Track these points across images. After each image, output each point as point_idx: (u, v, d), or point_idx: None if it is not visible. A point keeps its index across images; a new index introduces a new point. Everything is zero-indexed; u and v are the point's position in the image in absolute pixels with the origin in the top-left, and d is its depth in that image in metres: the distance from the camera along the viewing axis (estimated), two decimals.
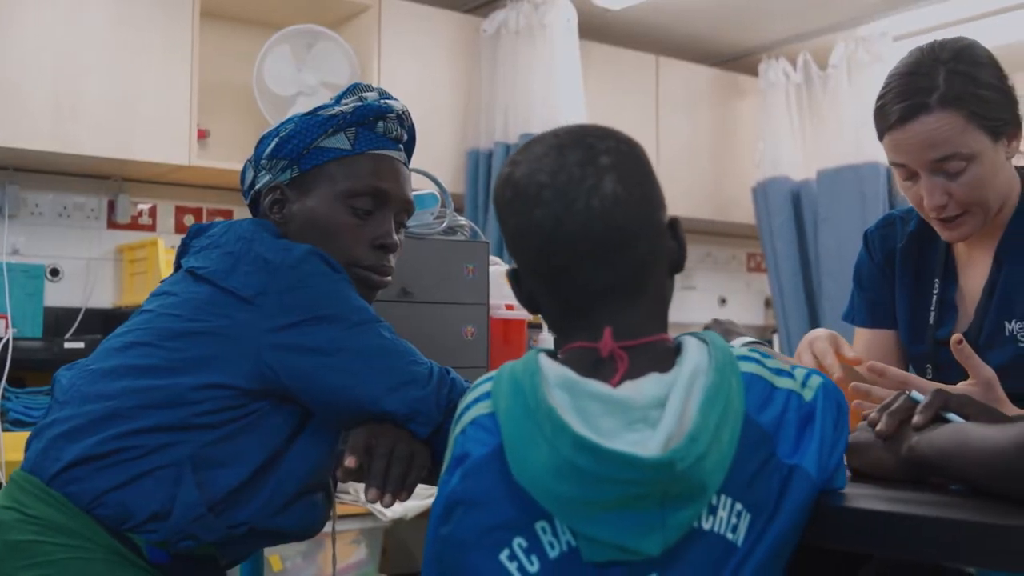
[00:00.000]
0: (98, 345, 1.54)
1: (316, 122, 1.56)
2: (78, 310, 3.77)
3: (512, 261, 1.23)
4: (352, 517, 3.04)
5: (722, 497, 1.07)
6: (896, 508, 1.10)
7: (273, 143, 1.58)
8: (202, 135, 3.88)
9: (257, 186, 1.61)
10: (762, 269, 5.60)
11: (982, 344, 1.70)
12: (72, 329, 3.72)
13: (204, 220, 3.34)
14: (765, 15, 4.75)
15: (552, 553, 1.07)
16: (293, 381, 1.42)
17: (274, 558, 2.97)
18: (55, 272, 3.78)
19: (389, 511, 2.97)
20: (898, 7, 4.61)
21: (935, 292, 1.81)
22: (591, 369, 1.11)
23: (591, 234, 1.12)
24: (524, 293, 1.22)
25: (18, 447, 1.53)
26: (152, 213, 4.02)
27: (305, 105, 3.59)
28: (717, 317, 1.68)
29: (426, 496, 2.60)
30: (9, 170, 3.68)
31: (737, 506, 1.08)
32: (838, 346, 1.72)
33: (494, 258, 2.23)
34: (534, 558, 1.07)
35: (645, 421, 1.06)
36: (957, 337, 1.54)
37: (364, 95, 1.62)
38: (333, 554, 1.81)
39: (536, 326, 2.43)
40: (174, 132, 3.64)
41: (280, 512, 1.46)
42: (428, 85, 4.26)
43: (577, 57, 4.40)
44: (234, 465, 1.42)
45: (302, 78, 3.91)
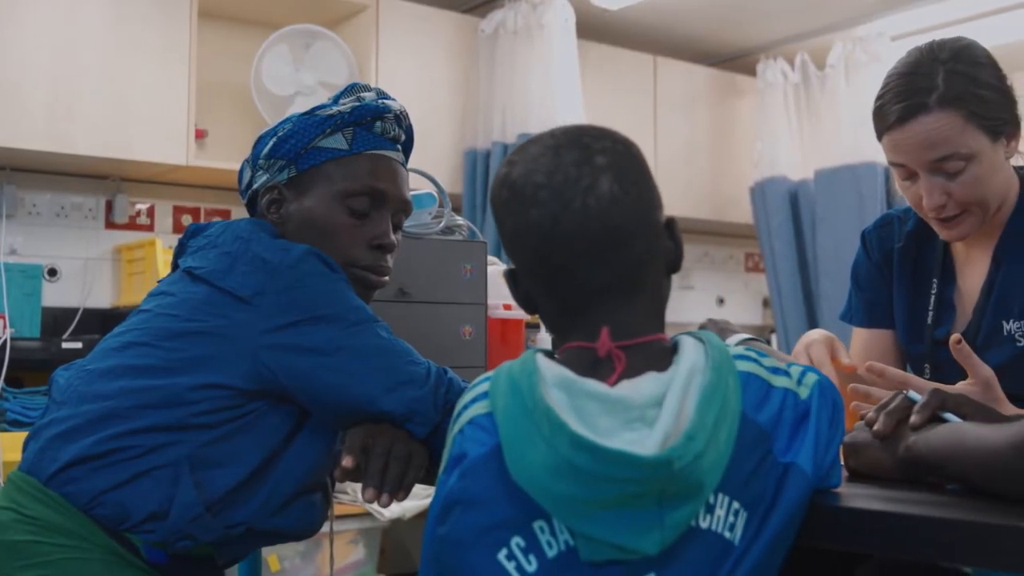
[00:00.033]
0: (96, 345, 1.54)
1: (314, 122, 1.56)
2: (76, 310, 3.77)
3: (509, 261, 1.23)
4: (350, 517, 3.03)
5: (719, 496, 1.07)
6: (893, 508, 1.10)
7: (271, 143, 1.58)
8: (200, 135, 3.87)
9: (254, 186, 1.61)
10: (760, 269, 5.61)
11: (980, 344, 1.70)
12: (70, 329, 3.72)
13: (202, 220, 3.34)
14: (763, 15, 4.75)
15: (550, 552, 1.07)
16: (291, 381, 1.42)
17: (272, 558, 2.97)
18: (53, 272, 3.77)
19: (387, 511, 2.96)
20: (896, 7, 4.61)
21: (933, 292, 1.81)
22: (589, 369, 1.12)
23: (588, 233, 1.12)
24: (521, 293, 1.22)
25: (16, 447, 1.53)
26: (150, 213, 4.02)
27: (303, 105, 3.59)
28: (712, 317, 1.68)
29: (424, 496, 2.59)
30: (6, 170, 3.68)
31: (734, 505, 1.08)
32: (834, 351, 1.72)
33: (492, 258, 2.23)
34: (532, 557, 1.07)
35: (643, 420, 1.06)
36: (956, 337, 1.54)
37: (362, 95, 1.62)
38: (331, 554, 1.81)
39: (534, 326, 2.42)
40: (172, 132, 3.64)
41: (278, 512, 1.46)
42: (426, 85, 4.26)
43: (575, 57, 4.40)
44: (232, 465, 1.41)
45: (300, 78, 3.90)
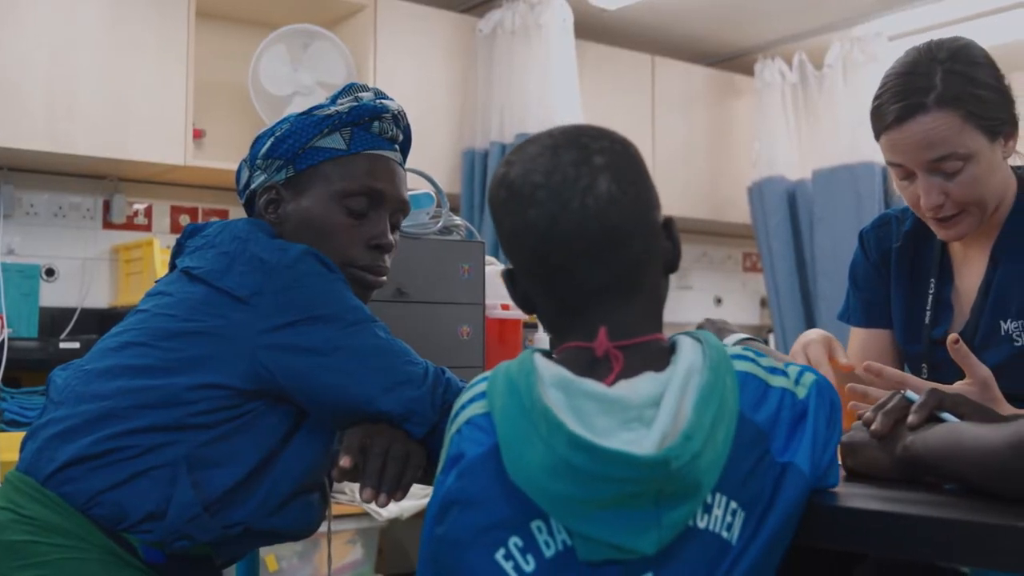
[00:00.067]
0: (93, 345, 1.54)
1: (312, 122, 1.56)
2: (74, 310, 3.76)
3: (507, 261, 1.23)
4: (348, 517, 3.03)
5: (717, 495, 1.07)
6: (891, 508, 1.11)
7: (268, 143, 1.58)
8: (198, 135, 3.87)
9: (252, 186, 1.61)
10: (758, 269, 5.61)
11: (978, 344, 1.70)
12: (68, 329, 3.71)
13: (200, 220, 3.34)
14: (761, 15, 4.75)
15: (548, 552, 1.07)
16: (288, 381, 1.42)
17: (270, 558, 2.97)
18: (51, 272, 3.77)
19: (385, 511, 2.96)
20: (893, 7, 4.62)
21: (931, 292, 1.81)
22: (586, 368, 1.12)
23: (586, 233, 1.12)
24: (519, 293, 1.22)
25: (13, 447, 1.52)
26: (148, 213, 4.01)
27: (301, 105, 3.59)
28: (710, 316, 1.68)
29: (422, 496, 2.59)
30: (4, 170, 3.67)
31: (732, 504, 1.08)
32: (832, 351, 1.72)
33: (490, 258, 2.23)
34: (530, 557, 1.07)
35: (640, 420, 1.06)
36: (953, 337, 1.54)
37: (360, 95, 1.62)
38: (329, 554, 1.81)
39: (532, 326, 2.42)
40: (170, 132, 3.64)
41: (276, 512, 1.46)
42: (424, 85, 4.26)
43: (573, 57, 4.40)
44: (229, 465, 1.41)
45: (298, 78, 3.90)
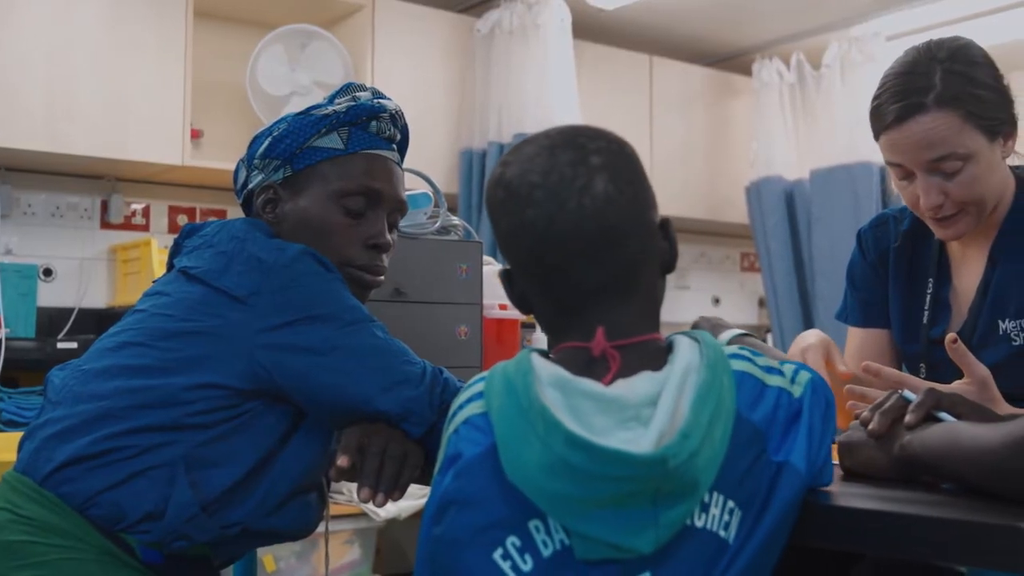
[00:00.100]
0: (91, 345, 1.54)
1: (309, 122, 1.56)
2: (71, 310, 3.76)
3: (505, 261, 1.23)
4: (346, 517, 3.03)
5: (714, 494, 1.07)
6: (888, 507, 1.11)
7: (266, 143, 1.58)
8: (195, 135, 3.87)
9: (250, 186, 1.61)
10: (756, 269, 5.61)
11: (976, 343, 1.70)
12: (65, 329, 3.71)
13: (197, 220, 3.34)
14: (759, 15, 4.76)
15: (545, 552, 1.07)
16: (286, 381, 1.41)
17: (267, 558, 2.97)
18: (48, 272, 3.77)
19: (382, 511, 2.96)
20: (891, 7, 4.62)
21: (929, 291, 1.81)
22: (584, 368, 1.12)
23: (583, 233, 1.12)
24: (516, 293, 1.22)
25: (11, 447, 1.52)
26: (145, 213, 4.01)
27: (299, 105, 3.59)
28: (704, 314, 1.67)
29: (419, 496, 2.59)
30: (2, 170, 3.67)
31: (729, 503, 1.08)
32: (830, 355, 1.71)
33: (487, 258, 2.23)
34: (527, 557, 1.07)
35: (638, 419, 1.06)
36: (952, 336, 1.54)
37: (357, 95, 1.62)
38: (326, 554, 1.81)
39: (529, 326, 2.42)
40: (167, 132, 3.64)
41: (273, 512, 1.46)
42: (422, 85, 4.26)
43: (571, 57, 4.40)
44: (228, 465, 1.41)
45: (296, 78, 3.90)
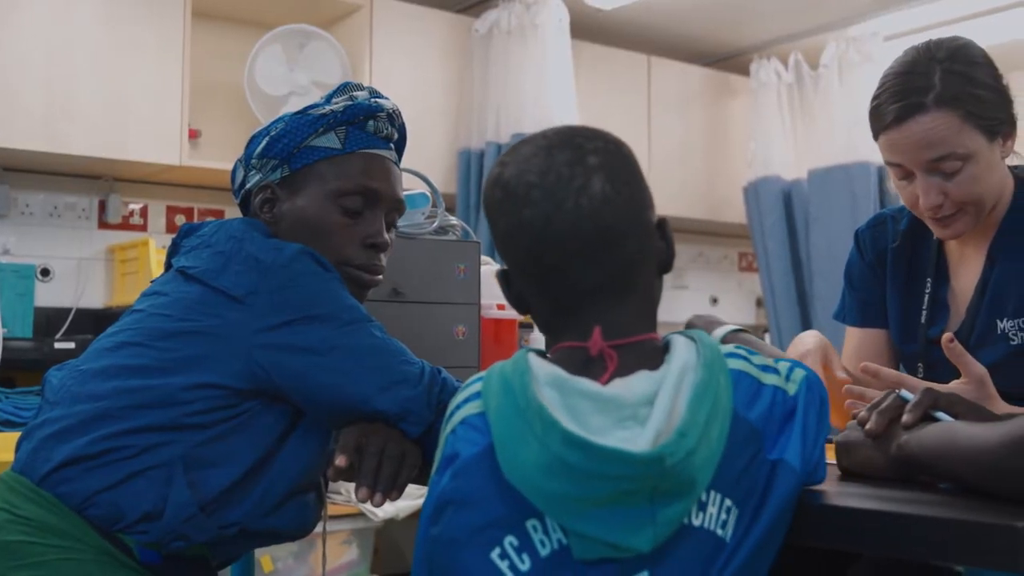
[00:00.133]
0: (89, 345, 1.54)
1: (306, 121, 1.56)
2: (69, 310, 3.76)
3: (502, 261, 1.23)
4: (343, 517, 3.04)
5: (712, 493, 1.07)
6: (885, 507, 1.11)
7: (263, 142, 1.57)
8: (193, 135, 3.87)
9: (247, 185, 1.61)
10: (753, 269, 5.61)
11: (974, 343, 1.70)
12: (63, 329, 3.71)
13: (195, 220, 3.34)
14: (756, 15, 4.76)
15: (543, 551, 1.07)
16: (284, 380, 1.41)
17: (265, 559, 2.97)
18: (46, 272, 3.77)
19: (380, 511, 2.97)
20: (889, 7, 4.62)
21: (927, 291, 1.81)
22: (581, 368, 1.12)
23: (580, 233, 1.12)
24: (514, 293, 1.22)
25: (8, 448, 1.52)
26: (143, 213, 4.01)
27: (297, 105, 3.58)
28: (698, 313, 1.67)
29: (417, 496, 2.60)
30: (0, 170, 3.67)
31: (727, 502, 1.08)
32: (828, 360, 1.71)
33: (485, 258, 2.23)
34: (525, 556, 1.07)
35: (635, 418, 1.06)
36: (948, 336, 1.54)
37: (354, 94, 1.62)
38: (323, 554, 1.81)
39: (527, 326, 2.42)
40: (165, 132, 3.64)
41: (271, 512, 1.46)
42: (420, 85, 4.26)
43: (569, 57, 4.40)
44: (226, 465, 1.41)
45: (294, 78, 3.90)
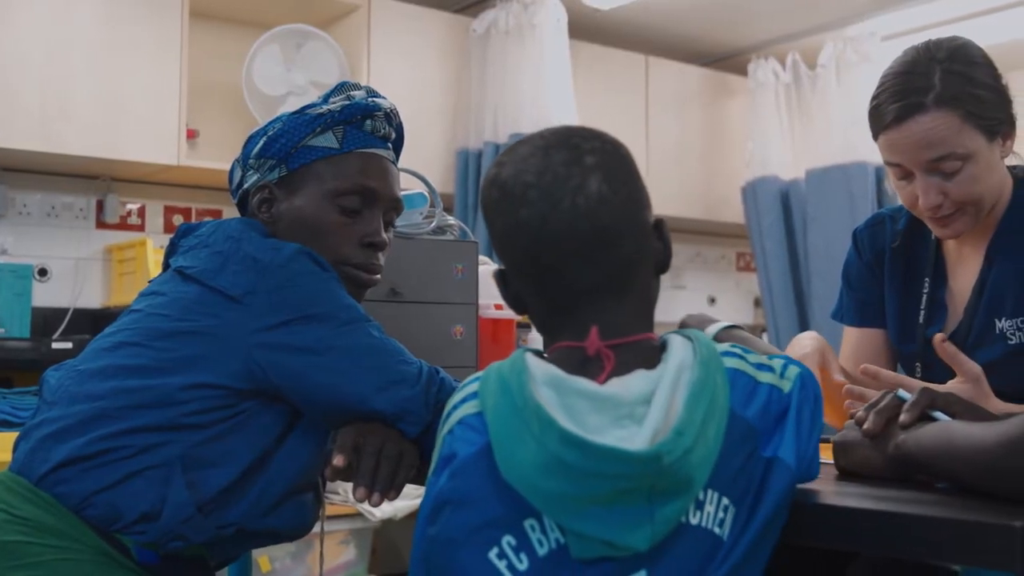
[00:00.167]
0: (86, 345, 1.54)
1: (304, 121, 1.56)
2: (66, 310, 3.76)
3: (499, 261, 1.23)
4: (341, 517, 3.03)
5: (709, 492, 1.07)
6: (883, 506, 1.11)
7: (261, 142, 1.57)
8: (191, 135, 3.87)
9: (245, 185, 1.61)
10: (751, 268, 5.61)
11: (972, 342, 1.70)
12: (60, 329, 3.71)
13: (193, 220, 3.34)
14: (754, 15, 4.76)
15: (541, 551, 1.07)
16: (282, 380, 1.41)
17: (263, 559, 2.97)
18: (43, 272, 3.76)
19: (378, 511, 2.96)
20: (887, 7, 4.62)
21: (925, 291, 1.81)
22: (578, 367, 1.12)
23: (577, 233, 1.12)
24: (511, 293, 1.22)
25: (6, 448, 1.52)
26: (141, 213, 4.01)
27: (295, 105, 3.58)
28: (691, 312, 1.67)
29: (415, 496, 2.60)
30: None
31: (724, 501, 1.08)
32: (826, 363, 1.71)
33: (483, 258, 2.23)
34: (523, 556, 1.07)
35: (632, 417, 1.06)
36: (940, 336, 1.55)
37: (352, 93, 1.62)
38: (321, 554, 1.81)
39: (525, 326, 2.42)
40: (163, 132, 3.64)
41: (269, 512, 1.46)
42: (418, 85, 4.26)
43: (567, 57, 4.40)
44: (224, 465, 1.41)
45: (291, 78, 3.90)
